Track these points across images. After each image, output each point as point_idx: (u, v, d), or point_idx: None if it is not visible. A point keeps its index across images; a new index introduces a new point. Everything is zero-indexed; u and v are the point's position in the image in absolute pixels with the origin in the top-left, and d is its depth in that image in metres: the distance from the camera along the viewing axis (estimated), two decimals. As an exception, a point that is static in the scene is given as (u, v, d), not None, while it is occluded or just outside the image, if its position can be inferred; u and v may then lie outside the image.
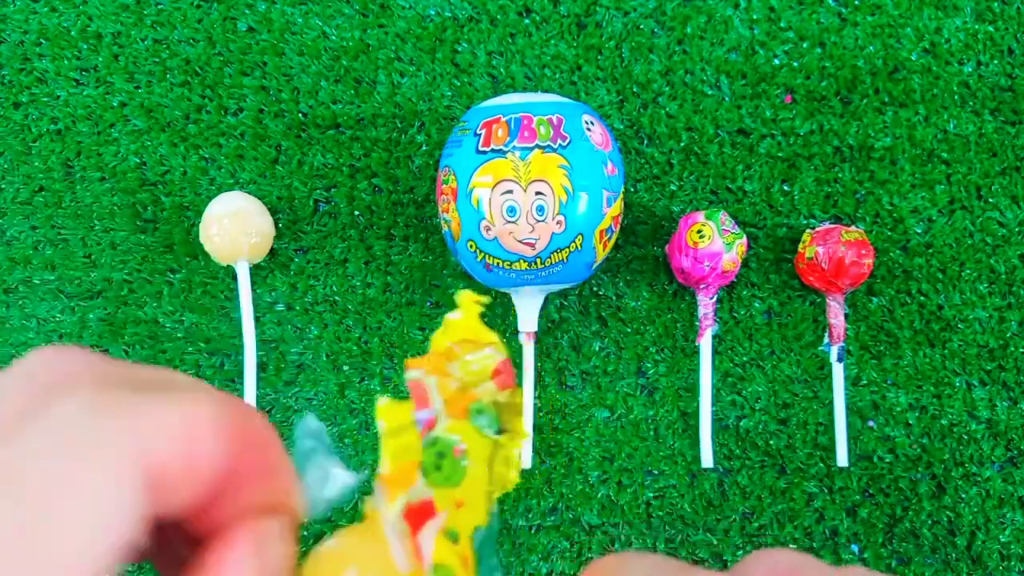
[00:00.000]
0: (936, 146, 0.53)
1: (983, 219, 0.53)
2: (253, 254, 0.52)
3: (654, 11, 0.54)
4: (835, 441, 0.52)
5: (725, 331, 0.53)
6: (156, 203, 0.55)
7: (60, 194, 0.56)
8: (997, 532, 0.51)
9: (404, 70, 0.55)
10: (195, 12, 0.56)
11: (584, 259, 0.47)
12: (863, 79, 0.54)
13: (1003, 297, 0.53)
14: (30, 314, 0.55)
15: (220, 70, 0.55)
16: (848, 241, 0.49)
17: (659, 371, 0.53)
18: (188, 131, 0.55)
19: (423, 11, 0.55)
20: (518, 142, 0.45)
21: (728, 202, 0.54)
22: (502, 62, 0.55)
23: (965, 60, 0.53)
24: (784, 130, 0.54)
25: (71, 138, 0.56)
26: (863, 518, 0.52)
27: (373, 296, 0.54)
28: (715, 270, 0.49)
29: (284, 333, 0.54)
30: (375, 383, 0.54)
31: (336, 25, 0.55)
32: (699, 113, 0.54)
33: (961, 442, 0.52)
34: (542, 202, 0.45)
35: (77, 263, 0.55)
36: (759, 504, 0.52)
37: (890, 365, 0.53)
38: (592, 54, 0.54)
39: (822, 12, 0.54)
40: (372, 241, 0.55)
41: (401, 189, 0.55)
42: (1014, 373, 0.52)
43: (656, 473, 0.53)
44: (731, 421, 0.53)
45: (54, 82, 0.56)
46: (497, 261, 0.47)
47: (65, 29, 0.56)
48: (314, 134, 0.55)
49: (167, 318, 0.55)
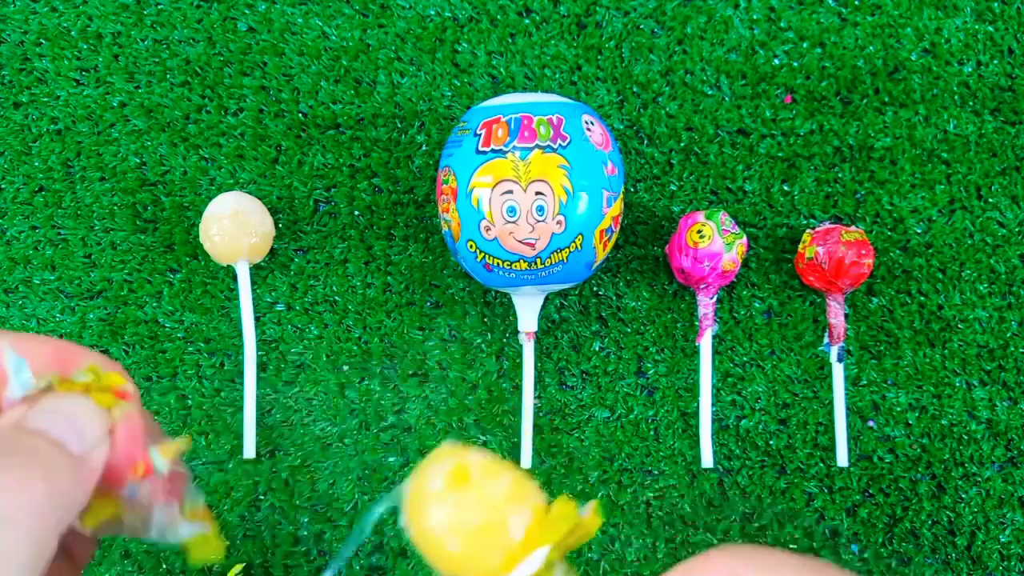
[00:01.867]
0: (936, 146, 0.53)
1: (983, 219, 0.53)
2: (253, 254, 0.52)
3: (654, 11, 0.54)
4: (835, 441, 0.52)
5: (725, 331, 0.53)
6: (156, 203, 0.55)
7: (60, 194, 0.56)
8: (997, 532, 0.51)
9: (404, 70, 0.55)
10: (195, 12, 0.56)
11: (584, 259, 0.47)
12: (863, 79, 0.54)
13: (1003, 297, 0.53)
14: (30, 314, 0.55)
15: (220, 70, 0.55)
16: (848, 241, 0.49)
17: (659, 371, 0.53)
18: (188, 131, 0.55)
19: (423, 11, 0.55)
20: (518, 142, 0.45)
21: (728, 202, 0.54)
22: (502, 62, 0.55)
23: (965, 60, 0.53)
24: (784, 130, 0.54)
25: (71, 138, 0.56)
26: (863, 518, 0.52)
27: (373, 296, 0.54)
28: (715, 270, 0.49)
29: (284, 333, 0.54)
30: (375, 383, 0.54)
31: (336, 25, 0.55)
32: (699, 113, 0.54)
33: (961, 442, 0.52)
34: (542, 202, 0.45)
35: (77, 263, 0.55)
36: (759, 504, 0.52)
37: (890, 365, 0.53)
38: (592, 54, 0.54)
39: (822, 12, 0.54)
40: (372, 241, 0.55)
41: (401, 189, 0.55)
42: (1014, 373, 0.52)
43: (656, 473, 0.53)
44: (731, 421, 0.53)
45: (54, 82, 0.56)
46: (497, 261, 0.47)
47: (65, 29, 0.56)
48: (314, 134, 0.55)
49: (167, 318, 0.55)
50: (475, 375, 0.54)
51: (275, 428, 0.54)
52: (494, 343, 0.54)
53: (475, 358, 0.54)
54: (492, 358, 0.54)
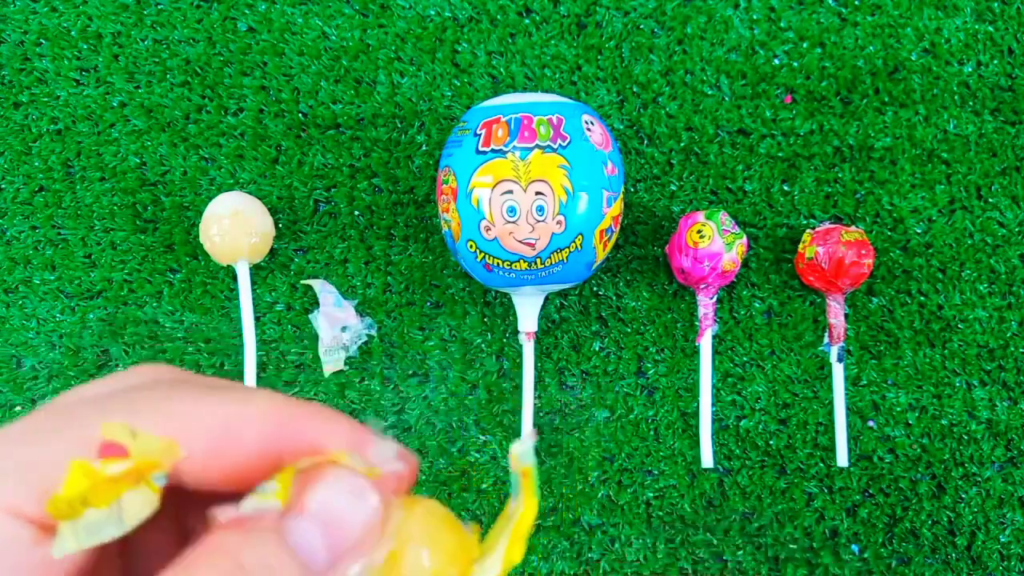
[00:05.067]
0: (936, 146, 0.53)
1: (983, 219, 0.53)
2: (253, 254, 0.52)
3: (654, 11, 0.54)
4: (835, 441, 0.52)
5: (725, 331, 0.53)
6: (156, 203, 0.55)
7: (60, 194, 0.56)
8: (997, 532, 0.51)
9: (404, 70, 0.55)
10: (195, 12, 0.56)
11: (584, 259, 0.47)
12: (863, 79, 0.54)
13: (1003, 297, 0.53)
14: (30, 314, 0.55)
15: (220, 70, 0.55)
16: (848, 241, 0.49)
17: (659, 371, 0.53)
18: (188, 131, 0.55)
19: (423, 11, 0.55)
20: (518, 142, 0.45)
21: (728, 202, 0.54)
22: (502, 62, 0.55)
23: (965, 60, 0.53)
24: (784, 130, 0.54)
25: (71, 138, 0.56)
26: (863, 518, 0.52)
27: (373, 296, 0.54)
28: (715, 270, 0.49)
29: (284, 333, 0.54)
30: (375, 383, 0.54)
31: (336, 25, 0.55)
32: (699, 113, 0.54)
33: (961, 442, 0.52)
34: (542, 202, 0.45)
35: (77, 263, 0.55)
36: (759, 504, 0.52)
37: (890, 365, 0.53)
38: (592, 54, 0.54)
39: (822, 12, 0.54)
40: (372, 241, 0.55)
41: (401, 189, 0.55)
42: (1014, 373, 0.52)
43: (656, 473, 0.53)
44: (731, 421, 0.53)
45: (54, 82, 0.56)
46: (497, 261, 0.47)
47: (65, 29, 0.56)
48: (314, 134, 0.55)
49: (167, 318, 0.55)
50: (475, 375, 0.54)
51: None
52: (494, 343, 0.54)
53: (475, 358, 0.54)
54: (492, 358, 0.54)
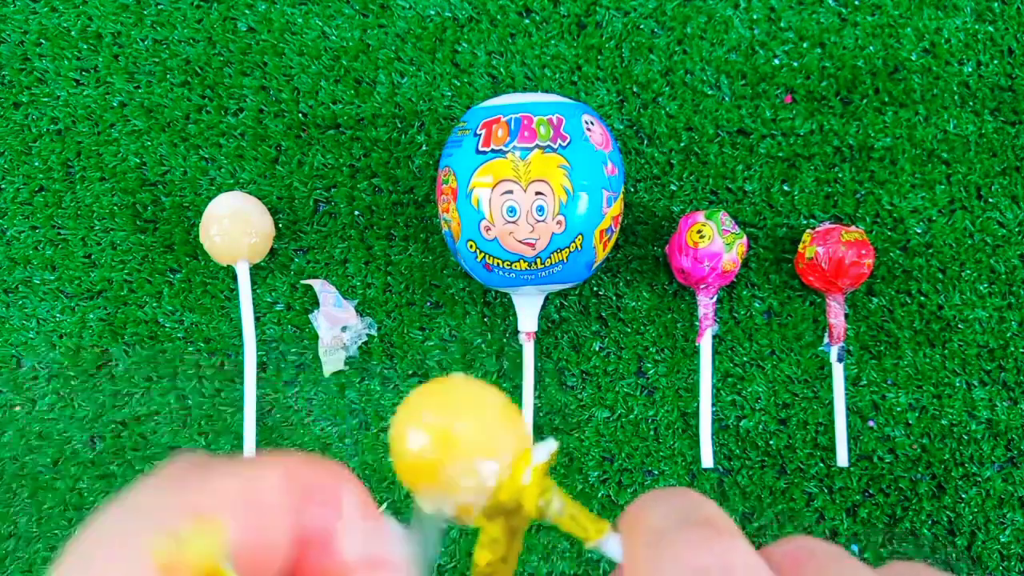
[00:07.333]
0: (936, 146, 0.53)
1: (983, 219, 0.53)
2: (253, 254, 0.52)
3: (654, 11, 0.54)
4: (835, 441, 0.52)
5: (725, 331, 0.53)
6: (156, 203, 0.55)
7: (60, 194, 0.56)
8: (997, 532, 0.51)
9: (404, 70, 0.55)
10: (195, 12, 0.56)
11: (584, 259, 0.47)
12: (863, 79, 0.54)
13: (1003, 297, 0.53)
14: (30, 314, 0.55)
15: (220, 70, 0.55)
16: (848, 241, 0.49)
17: (659, 371, 0.53)
18: (188, 131, 0.55)
19: (423, 11, 0.55)
20: (518, 142, 0.45)
21: (728, 202, 0.54)
22: (502, 62, 0.55)
23: (965, 60, 0.53)
24: (784, 130, 0.54)
25: (71, 138, 0.56)
26: (863, 518, 0.52)
27: (373, 296, 0.54)
28: (715, 270, 0.49)
29: (284, 333, 0.54)
30: (375, 383, 0.54)
31: (336, 25, 0.55)
32: (699, 113, 0.54)
33: (961, 442, 0.52)
34: (542, 202, 0.45)
35: (77, 263, 0.55)
36: (759, 504, 0.52)
37: (890, 365, 0.53)
38: (592, 54, 0.54)
39: (822, 12, 0.54)
40: (372, 241, 0.55)
41: (401, 189, 0.55)
42: (1014, 373, 0.52)
43: (656, 473, 0.53)
44: (731, 421, 0.53)
45: (54, 82, 0.56)
46: (497, 261, 0.46)
47: (65, 29, 0.56)
48: (314, 134, 0.55)
49: (167, 318, 0.55)
50: (475, 375, 0.54)
51: (275, 428, 0.54)
52: (494, 343, 0.54)
53: (475, 358, 0.54)
54: (492, 358, 0.54)
